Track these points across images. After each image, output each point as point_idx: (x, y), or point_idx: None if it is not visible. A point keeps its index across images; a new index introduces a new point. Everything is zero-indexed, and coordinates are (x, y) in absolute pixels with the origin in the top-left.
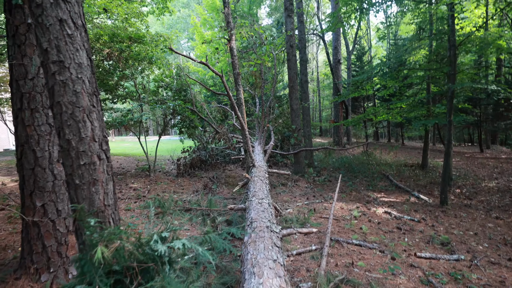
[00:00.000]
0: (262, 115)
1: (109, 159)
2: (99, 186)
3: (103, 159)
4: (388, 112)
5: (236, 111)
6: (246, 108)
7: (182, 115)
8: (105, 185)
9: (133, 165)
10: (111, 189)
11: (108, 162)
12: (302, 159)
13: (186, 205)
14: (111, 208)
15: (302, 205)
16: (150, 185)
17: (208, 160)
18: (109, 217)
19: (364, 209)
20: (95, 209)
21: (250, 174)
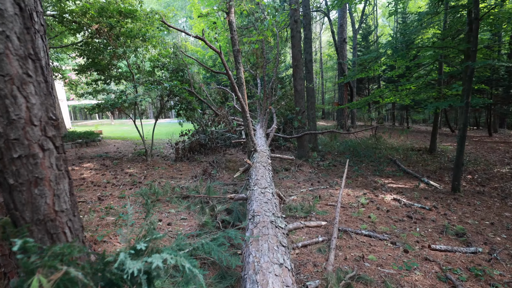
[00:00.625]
0: (264, 97)
1: (59, 149)
2: (45, 186)
3: (49, 150)
4: (395, 94)
5: (236, 92)
6: (247, 89)
7: (179, 96)
8: (54, 184)
9: (131, 149)
10: (65, 190)
11: (58, 153)
12: (306, 143)
13: (184, 192)
14: (67, 215)
15: (307, 191)
16: (147, 170)
17: (208, 144)
18: (64, 226)
19: (371, 196)
20: (41, 217)
21: (251, 160)
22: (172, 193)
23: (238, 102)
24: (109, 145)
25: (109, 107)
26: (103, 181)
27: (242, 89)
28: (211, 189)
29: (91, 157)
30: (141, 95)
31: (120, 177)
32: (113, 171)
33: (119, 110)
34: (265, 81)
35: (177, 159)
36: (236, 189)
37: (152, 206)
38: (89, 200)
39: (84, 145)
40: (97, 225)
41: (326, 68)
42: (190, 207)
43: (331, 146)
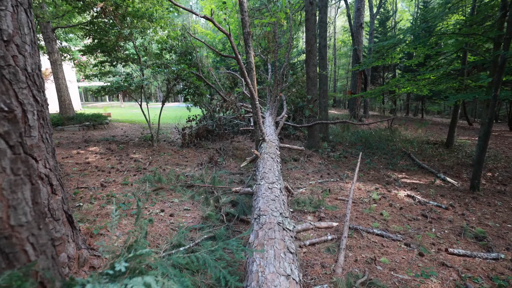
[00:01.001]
0: (275, 83)
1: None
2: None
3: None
4: (413, 84)
5: (246, 77)
6: (257, 75)
7: (187, 81)
8: (8, 193)
9: (138, 133)
10: (25, 199)
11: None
12: (317, 132)
13: (188, 180)
14: (28, 229)
15: (316, 183)
16: (153, 156)
17: (215, 130)
18: (24, 243)
19: (384, 191)
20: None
21: (259, 150)
22: (177, 182)
23: (247, 88)
24: (117, 128)
25: (114, 90)
26: (108, 166)
27: (252, 74)
28: (217, 179)
29: (97, 140)
30: (148, 78)
31: (125, 163)
32: (118, 156)
33: (124, 93)
34: (276, 67)
35: (184, 145)
36: (243, 179)
37: (147, 199)
38: (92, 186)
39: (91, 127)
40: (96, 214)
41: (339, 55)
42: (194, 197)
43: (342, 137)
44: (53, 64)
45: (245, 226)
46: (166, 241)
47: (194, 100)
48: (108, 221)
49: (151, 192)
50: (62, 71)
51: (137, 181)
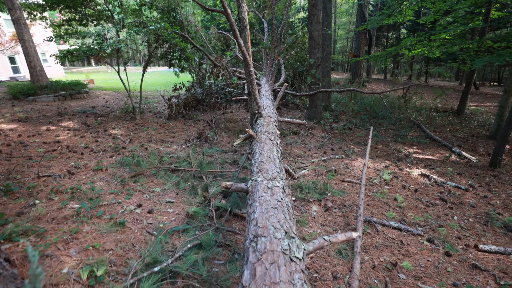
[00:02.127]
0: (272, 45)
1: None
2: None
3: None
4: (426, 45)
5: (237, 37)
6: (251, 35)
7: (170, 43)
8: None
9: (121, 102)
10: None
11: None
12: (319, 102)
13: (173, 162)
14: None
15: (319, 161)
16: (135, 131)
17: (206, 99)
18: None
19: (395, 169)
20: None
21: (254, 128)
22: (159, 165)
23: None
24: (98, 97)
25: (82, 54)
26: (81, 146)
27: (245, 34)
28: (205, 162)
29: (73, 113)
30: (124, 40)
31: (102, 141)
32: (95, 132)
33: (97, 58)
34: (274, 25)
35: (171, 117)
36: (236, 159)
37: (121, 190)
38: (57, 173)
39: (68, 97)
40: (52, 219)
41: (339, 13)
42: (179, 184)
43: (345, 105)
44: (16, 23)
45: (239, 224)
46: (139, 255)
47: (180, 65)
48: (66, 229)
49: (128, 180)
50: (28, 32)
51: (113, 164)
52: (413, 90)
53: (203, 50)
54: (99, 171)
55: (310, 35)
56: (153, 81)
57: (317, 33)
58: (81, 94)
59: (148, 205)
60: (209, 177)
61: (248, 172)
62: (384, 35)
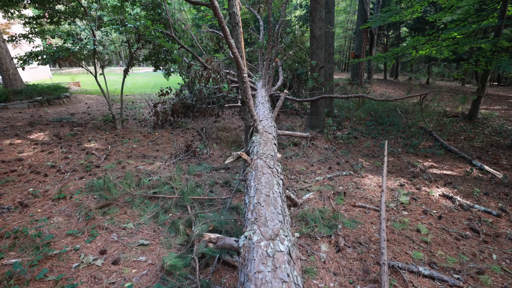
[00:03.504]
0: (269, 44)
1: None
2: None
3: None
4: (435, 45)
5: (227, 36)
6: (246, 34)
7: (153, 43)
8: None
9: (105, 108)
10: None
11: None
12: (322, 108)
13: (154, 184)
14: None
15: (324, 180)
16: (114, 144)
17: (197, 105)
18: None
19: (411, 188)
20: None
21: (249, 146)
22: (137, 189)
23: (231, 52)
24: (80, 103)
25: (47, 58)
26: (47, 164)
27: (237, 32)
28: (190, 186)
29: (47, 122)
30: (101, 40)
31: (73, 157)
32: (67, 146)
33: (69, 61)
34: (271, 23)
35: (156, 126)
36: (228, 180)
37: (83, 231)
38: (7, 205)
39: (45, 104)
40: None
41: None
42: (158, 215)
43: (349, 110)
44: None
45: (231, 277)
46: None
47: (167, 68)
48: None
49: (95, 212)
50: None
51: (80, 190)
52: (431, 95)
53: (192, 51)
54: (61, 200)
55: (312, 33)
56: (144, 83)
57: (320, 31)
58: (61, 99)
59: (115, 251)
60: (194, 206)
61: (242, 195)
62: (384, 33)
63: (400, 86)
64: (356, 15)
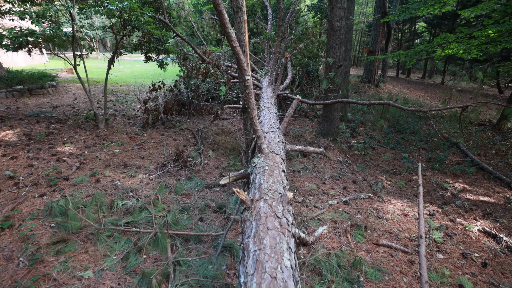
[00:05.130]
0: (278, 36)
1: None
2: None
3: None
4: (465, 43)
5: (225, 24)
6: (251, 23)
7: (142, 30)
8: None
9: (94, 100)
10: None
11: None
12: (337, 114)
13: (131, 209)
14: None
15: (339, 204)
16: (92, 147)
17: (193, 102)
18: None
19: (444, 219)
20: None
21: (250, 171)
22: (108, 214)
23: (230, 46)
24: (67, 93)
25: (10, 45)
26: (4, 174)
27: (240, 19)
28: (174, 213)
29: (22, 116)
30: (83, 25)
31: (39, 165)
32: (35, 150)
33: (39, 47)
34: (281, 11)
35: (146, 125)
36: (223, 204)
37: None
38: None
39: (26, 93)
40: None
41: None
42: (128, 258)
43: (363, 112)
44: None
45: None
46: None
47: (159, 60)
48: None
49: (46, 251)
50: None
51: (36, 214)
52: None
53: (189, 40)
54: (5, 230)
55: (331, 25)
56: (142, 71)
57: (340, 23)
58: (45, 89)
59: None
60: (176, 243)
61: (239, 230)
62: (400, 28)
63: (414, 85)
64: (369, 7)
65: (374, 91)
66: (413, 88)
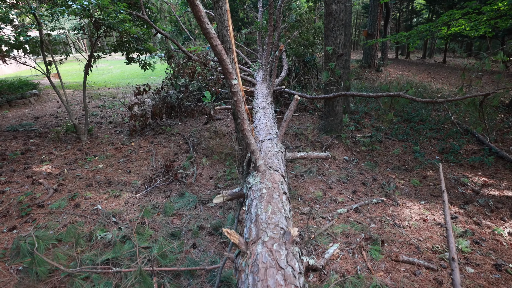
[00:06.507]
0: (269, 26)
1: None
2: None
3: None
4: (473, 19)
5: (200, 17)
6: (241, 12)
7: (118, 30)
8: None
9: (79, 107)
10: None
11: None
12: (340, 108)
13: (112, 241)
14: None
15: (349, 213)
16: (73, 164)
17: (183, 103)
18: None
19: (468, 222)
20: None
21: (245, 189)
22: (86, 248)
23: (209, 44)
24: (51, 101)
25: None
26: None
27: (221, 9)
28: (161, 244)
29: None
30: (53, 27)
31: (12, 190)
32: (9, 171)
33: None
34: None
35: (134, 133)
36: (219, 224)
37: None
38: None
39: (5, 105)
40: None
41: None
42: None
43: (366, 102)
44: None
45: None
46: None
47: (141, 61)
48: None
49: None
50: None
51: (0, 255)
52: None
53: (173, 36)
54: None
55: (328, 9)
56: (133, 71)
57: (338, 6)
58: (26, 98)
59: None
60: (165, 282)
61: None
62: (397, 7)
63: (415, 66)
64: None
65: (375, 76)
66: (415, 70)
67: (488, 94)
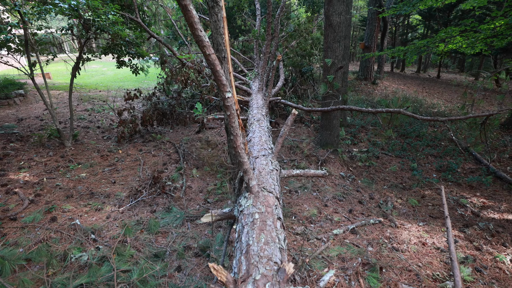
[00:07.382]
0: (268, 34)
1: None
2: None
3: None
4: (470, 37)
5: (193, 24)
6: (239, 20)
7: (107, 31)
8: None
9: (67, 110)
10: None
11: None
12: (337, 122)
13: (89, 263)
14: None
15: (345, 234)
16: (54, 172)
17: (175, 109)
18: None
19: (469, 247)
20: None
21: (236, 211)
22: (59, 269)
23: (202, 53)
24: (38, 102)
25: None
26: None
27: (217, 16)
28: (142, 268)
29: None
30: (40, 26)
31: None
32: None
33: None
34: (271, 5)
35: (122, 139)
36: (207, 245)
37: None
38: None
39: None
40: None
41: None
42: None
43: (363, 115)
44: None
45: None
46: None
47: (132, 65)
48: None
49: None
50: None
51: None
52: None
53: (168, 41)
54: None
55: (328, 20)
56: (126, 74)
57: (339, 18)
58: (10, 99)
59: None
60: None
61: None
62: (394, 21)
63: (410, 80)
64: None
65: (371, 89)
66: (410, 84)
67: (491, 114)
